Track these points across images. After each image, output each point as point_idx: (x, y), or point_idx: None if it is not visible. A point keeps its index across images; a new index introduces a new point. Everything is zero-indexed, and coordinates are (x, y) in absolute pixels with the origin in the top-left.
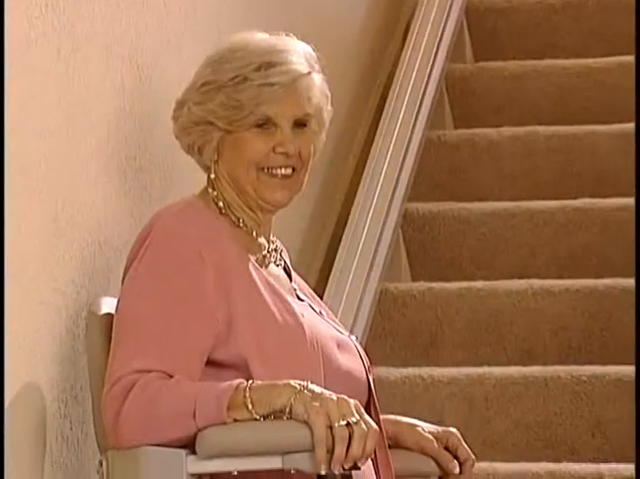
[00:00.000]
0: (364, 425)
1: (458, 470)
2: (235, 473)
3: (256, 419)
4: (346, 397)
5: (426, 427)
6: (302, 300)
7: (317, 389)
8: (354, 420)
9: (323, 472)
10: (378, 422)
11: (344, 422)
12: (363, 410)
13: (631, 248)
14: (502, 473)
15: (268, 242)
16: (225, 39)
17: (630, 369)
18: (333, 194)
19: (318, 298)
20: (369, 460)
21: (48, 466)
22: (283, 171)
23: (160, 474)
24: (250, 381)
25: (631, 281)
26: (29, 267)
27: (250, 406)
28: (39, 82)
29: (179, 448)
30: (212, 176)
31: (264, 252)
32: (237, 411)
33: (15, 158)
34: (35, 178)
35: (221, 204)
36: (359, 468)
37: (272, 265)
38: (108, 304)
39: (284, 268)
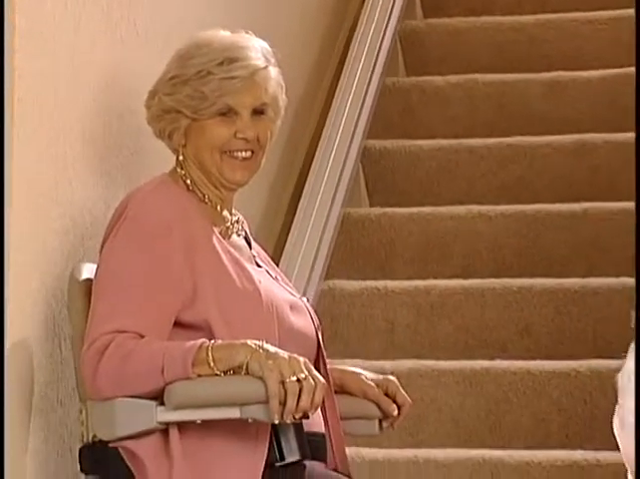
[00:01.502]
0: (312, 380)
1: (396, 412)
2: (199, 422)
3: (217, 375)
4: (297, 356)
5: (368, 375)
6: (260, 267)
7: (271, 349)
8: (303, 376)
9: (276, 421)
10: (326, 373)
11: (294, 378)
12: (312, 367)
13: (555, 178)
14: (445, 369)
15: (231, 215)
16: (192, 35)
17: (554, 281)
18: (299, 142)
19: (274, 264)
20: None
21: (58, 364)
22: (243, 154)
23: (132, 422)
24: (212, 341)
25: (555, 206)
26: (39, 194)
27: (212, 363)
28: (50, 34)
29: (150, 400)
30: (181, 158)
31: (227, 224)
32: (201, 367)
33: (27, 96)
34: (45, 115)
35: (189, 181)
36: (308, 417)
37: (234, 236)
38: (88, 270)
39: (245, 238)
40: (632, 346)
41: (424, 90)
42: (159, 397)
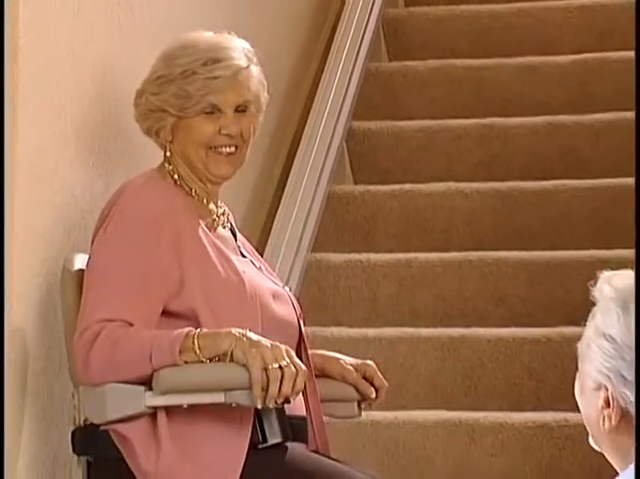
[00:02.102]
0: (293, 367)
1: (374, 395)
2: (185, 406)
3: (203, 362)
4: (278, 344)
5: (347, 360)
6: (245, 257)
7: (254, 337)
8: (285, 363)
9: (259, 406)
10: (307, 358)
11: (277, 365)
12: (293, 354)
13: (527, 157)
14: (425, 336)
15: (217, 208)
16: (178, 37)
17: (527, 254)
18: (286, 126)
19: (258, 255)
20: None
21: (61, 331)
22: (228, 149)
23: (122, 406)
24: (198, 329)
25: (528, 183)
26: (41, 170)
27: (198, 351)
28: (51, 18)
29: (139, 385)
30: (168, 154)
31: (214, 217)
32: (187, 355)
33: (29, 77)
34: (46, 95)
35: (176, 176)
36: (290, 402)
37: (220, 228)
38: (80, 261)
39: (230, 229)
40: (591, 315)
41: (405, 74)
42: (147, 383)
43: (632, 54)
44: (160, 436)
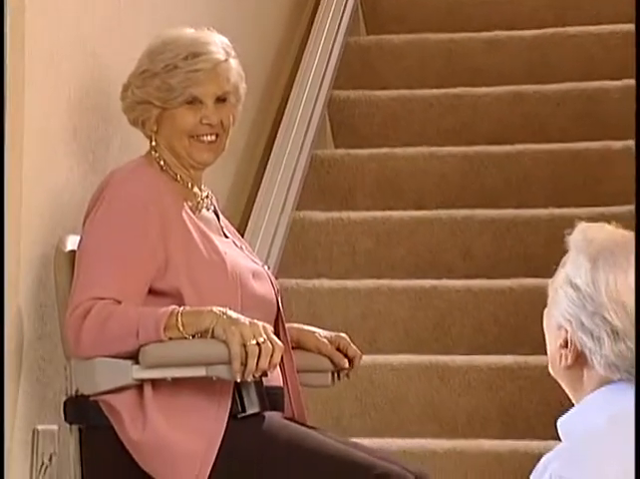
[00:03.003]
0: (270, 344)
1: (347, 365)
2: (170, 379)
3: (186, 338)
4: (257, 321)
5: (322, 333)
6: (227, 237)
7: (234, 315)
8: (262, 340)
9: (238, 380)
10: (284, 333)
11: (254, 341)
12: (270, 331)
13: (493, 123)
14: (399, 287)
15: (201, 191)
16: (160, 33)
17: (492, 212)
18: (270, 100)
19: (239, 236)
20: None
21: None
22: (209, 137)
23: (111, 379)
24: (182, 307)
25: (493, 147)
26: (47, 140)
27: (181, 328)
28: (55, 6)
29: (127, 359)
30: (154, 143)
31: (198, 200)
32: (171, 331)
33: (35, 52)
34: (51, 67)
35: (162, 162)
36: (267, 375)
37: (204, 210)
38: (72, 242)
39: (214, 211)
40: (562, 262)
41: (382, 47)
42: (134, 357)
43: (589, 28)
44: (146, 407)
